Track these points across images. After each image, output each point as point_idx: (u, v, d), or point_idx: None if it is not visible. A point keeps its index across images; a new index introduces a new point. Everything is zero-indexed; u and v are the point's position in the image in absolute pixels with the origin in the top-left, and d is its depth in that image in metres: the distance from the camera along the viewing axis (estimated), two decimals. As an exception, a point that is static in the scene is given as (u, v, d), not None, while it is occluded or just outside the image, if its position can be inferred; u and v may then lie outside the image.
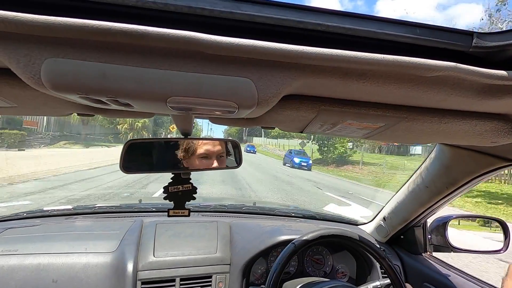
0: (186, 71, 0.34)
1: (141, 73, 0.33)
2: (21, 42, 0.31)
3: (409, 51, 0.33)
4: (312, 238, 0.94)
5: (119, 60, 0.32)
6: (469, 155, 0.84)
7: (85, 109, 0.54)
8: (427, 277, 1.16)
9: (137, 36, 0.29)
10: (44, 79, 0.33)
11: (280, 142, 48.92)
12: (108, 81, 0.33)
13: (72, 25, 0.28)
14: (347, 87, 0.40)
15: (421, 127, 0.52)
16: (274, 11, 0.31)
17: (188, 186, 0.85)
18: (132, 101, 0.38)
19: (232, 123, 0.60)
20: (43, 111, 0.60)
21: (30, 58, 0.31)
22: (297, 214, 1.65)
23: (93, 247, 1.08)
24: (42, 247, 1.04)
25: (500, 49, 0.33)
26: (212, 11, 0.30)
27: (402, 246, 1.34)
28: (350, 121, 0.51)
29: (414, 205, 1.14)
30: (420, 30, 0.33)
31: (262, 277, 1.22)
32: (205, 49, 0.31)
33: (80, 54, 0.32)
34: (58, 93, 0.35)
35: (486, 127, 0.50)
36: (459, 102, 0.43)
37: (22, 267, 0.97)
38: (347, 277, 1.30)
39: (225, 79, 0.35)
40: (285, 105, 0.46)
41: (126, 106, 0.42)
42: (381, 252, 0.95)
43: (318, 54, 0.32)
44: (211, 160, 0.92)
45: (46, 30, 0.28)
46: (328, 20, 0.31)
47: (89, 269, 1.01)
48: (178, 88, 0.35)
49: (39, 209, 1.45)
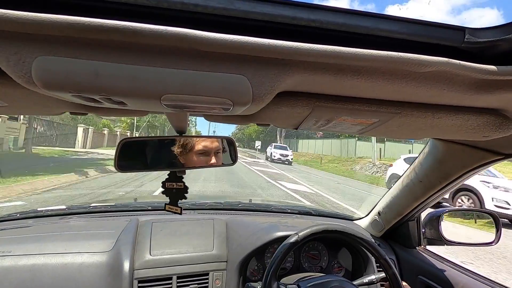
0: (180, 68, 0.34)
1: (134, 71, 0.33)
2: (11, 40, 0.30)
3: (402, 47, 0.33)
4: (317, 231, 0.95)
5: (112, 58, 0.32)
6: (462, 150, 0.85)
7: (77, 108, 0.53)
8: (421, 270, 1.18)
9: (130, 34, 0.29)
10: (35, 77, 0.32)
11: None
12: (100, 79, 0.33)
13: (63, 22, 0.28)
14: (341, 84, 0.40)
15: (414, 123, 0.52)
16: (268, 7, 0.30)
17: (180, 185, 0.85)
18: (125, 99, 0.38)
19: (226, 121, 0.60)
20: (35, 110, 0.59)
21: (21, 56, 0.31)
22: (293, 210, 1.66)
23: (88, 247, 1.07)
24: (36, 247, 1.03)
25: (491, 45, 0.34)
26: (206, 8, 0.29)
27: (397, 240, 1.35)
28: (344, 117, 0.51)
29: (408, 200, 1.15)
30: (413, 26, 0.33)
31: (259, 273, 1.23)
32: (199, 46, 0.31)
33: (72, 51, 0.31)
34: (49, 91, 0.35)
35: (478, 121, 0.51)
36: (452, 97, 0.44)
37: (16, 268, 0.96)
38: (343, 271, 1.31)
39: (219, 76, 0.35)
40: (279, 102, 0.46)
41: (119, 105, 0.41)
42: (378, 248, 0.97)
43: (312, 50, 0.32)
44: (209, 156, 0.92)
45: (37, 28, 0.28)
46: (322, 17, 0.31)
47: (84, 269, 1.01)
48: (172, 86, 0.35)
49: (33, 210, 1.43)
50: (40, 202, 5.33)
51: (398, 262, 1.29)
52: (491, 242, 1.17)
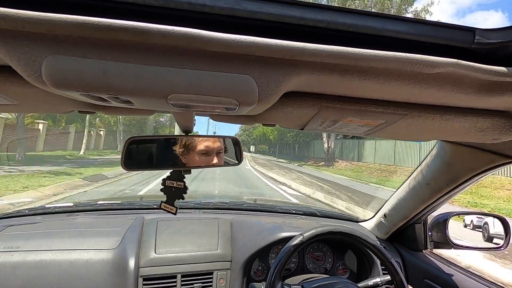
0: (186, 68, 0.34)
1: (141, 70, 0.33)
2: (22, 40, 0.31)
3: (410, 47, 0.33)
4: (321, 232, 0.95)
5: (120, 57, 0.32)
6: (470, 152, 0.83)
7: (85, 106, 0.54)
8: (428, 273, 1.17)
9: (138, 33, 0.29)
10: (45, 76, 0.33)
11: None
12: (108, 79, 0.33)
13: (73, 22, 0.28)
14: (348, 84, 0.39)
15: (422, 124, 0.51)
16: (275, 7, 0.30)
17: (181, 184, 0.85)
18: (132, 98, 0.38)
19: (232, 120, 0.60)
20: (44, 109, 0.60)
21: (31, 55, 0.31)
22: (298, 211, 1.65)
23: (94, 244, 1.08)
24: (44, 244, 1.05)
25: (501, 46, 0.33)
26: (213, 8, 0.29)
27: (403, 243, 1.34)
28: (350, 118, 0.51)
29: (415, 202, 1.14)
30: (422, 27, 0.33)
31: (263, 273, 1.23)
32: (205, 46, 0.31)
33: (81, 51, 0.32)
34: (58, 90, 0.35)
35: (487, 124, 0.50)
36: (461, 99, 0.43)
37: (24, 263, 0.98)
38: (348, 273, 1.30)
39: (225, 76, 0.35)
40: (285, 102, 0.46)
41: (126, 103, 0.42)
42: (383, 251, 0.96)
43: (319, 50, 0.31)
44: (211, 156, 0.92)
45: (47, 27, 0.28)
46: (329, 17, 0.31)
47: (90, 266, 1.02)
48: (178, 85, 0.35)
49: (41, 206, 1.46)
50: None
51: (404, 265, 1.28)
52: (500, 246, 1.14)
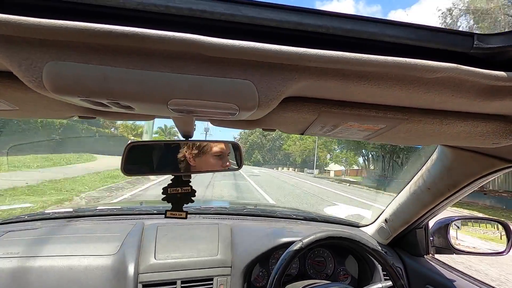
0: (187, 73, 0.34)
1: (142, 76, 0.33)
2: (23, 45, 0.31)
3: (410, 52, 0.33)
4: (321, 237, 0.94)
5: (120, 63, 0.32)
6: (470, 157, 0.83)
7: (86, 112, 0.54)
8: (429, 279, 1.16)
9: (138, 39, 0.29)
10: (46, 82, 0.33)
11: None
12: (109, 84, 0.33)
13: (74, 28, 0.28)
14: (348, 89, 0.40)
15: (422, 129, 0.51)
16: (274, 13, 0.31)
17: (187, 189, 0.85)
18: (133, 103, 0.38)
19: (232, 125, 0.60)
20: (45, 114, 0.60)
21: (32, 61, 0.31)
22: (298, 216, 1.64)
23: (94, 250, 1.08)
24: (43, 249, 1.04)
25: (500, 51, 0.33)
26: (213, 14, 0.30)
27: (404, 248, 1.33)
28: (351, 123, 0.51)
29: (416, 207, 1.13)
30: (421, 32, 0.33)
31: (263, 279, 1.22)
32: (206, 51, 0.31)
33: (81, 57, 0.32)
34: (59, 96, 0.35)
35: (487, 128, 0.50)
36: (461, 104, 0.43)
37: (23, 269, 0.97)
38: (349, 279, 1.29)
39: (226, 81, 0.35)
40: (286, 107, 0.46)
41: (127, 109, 0.42)
42: (385, 256, 0.95)
43: (319, 56, 0.32)
44: (225, 159, 0.92)
45: (48, 33, 0.29)
46: (329, 22, 0.31)
47: (90, 272, 1.01)
48: (179, 91, 0.35)
49: (40, 212, 1.45)
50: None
51: (406, 271, 1.26)
52: (502, 251, 1.13)
